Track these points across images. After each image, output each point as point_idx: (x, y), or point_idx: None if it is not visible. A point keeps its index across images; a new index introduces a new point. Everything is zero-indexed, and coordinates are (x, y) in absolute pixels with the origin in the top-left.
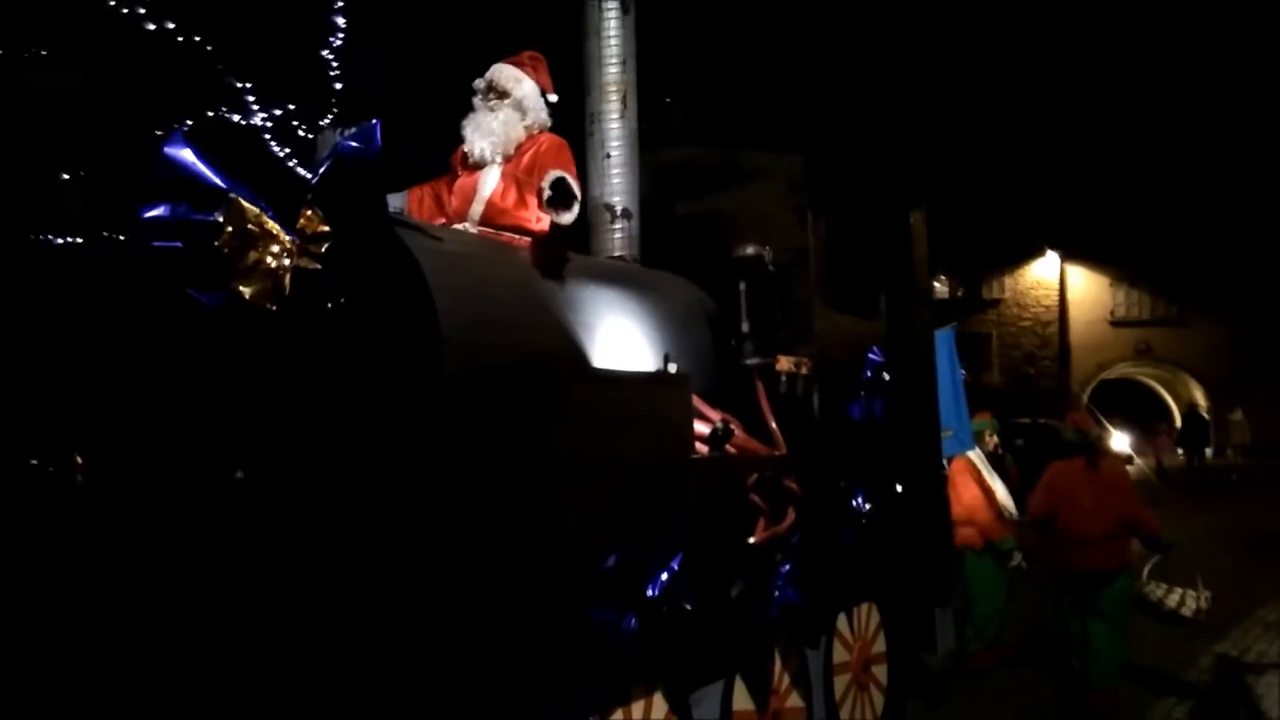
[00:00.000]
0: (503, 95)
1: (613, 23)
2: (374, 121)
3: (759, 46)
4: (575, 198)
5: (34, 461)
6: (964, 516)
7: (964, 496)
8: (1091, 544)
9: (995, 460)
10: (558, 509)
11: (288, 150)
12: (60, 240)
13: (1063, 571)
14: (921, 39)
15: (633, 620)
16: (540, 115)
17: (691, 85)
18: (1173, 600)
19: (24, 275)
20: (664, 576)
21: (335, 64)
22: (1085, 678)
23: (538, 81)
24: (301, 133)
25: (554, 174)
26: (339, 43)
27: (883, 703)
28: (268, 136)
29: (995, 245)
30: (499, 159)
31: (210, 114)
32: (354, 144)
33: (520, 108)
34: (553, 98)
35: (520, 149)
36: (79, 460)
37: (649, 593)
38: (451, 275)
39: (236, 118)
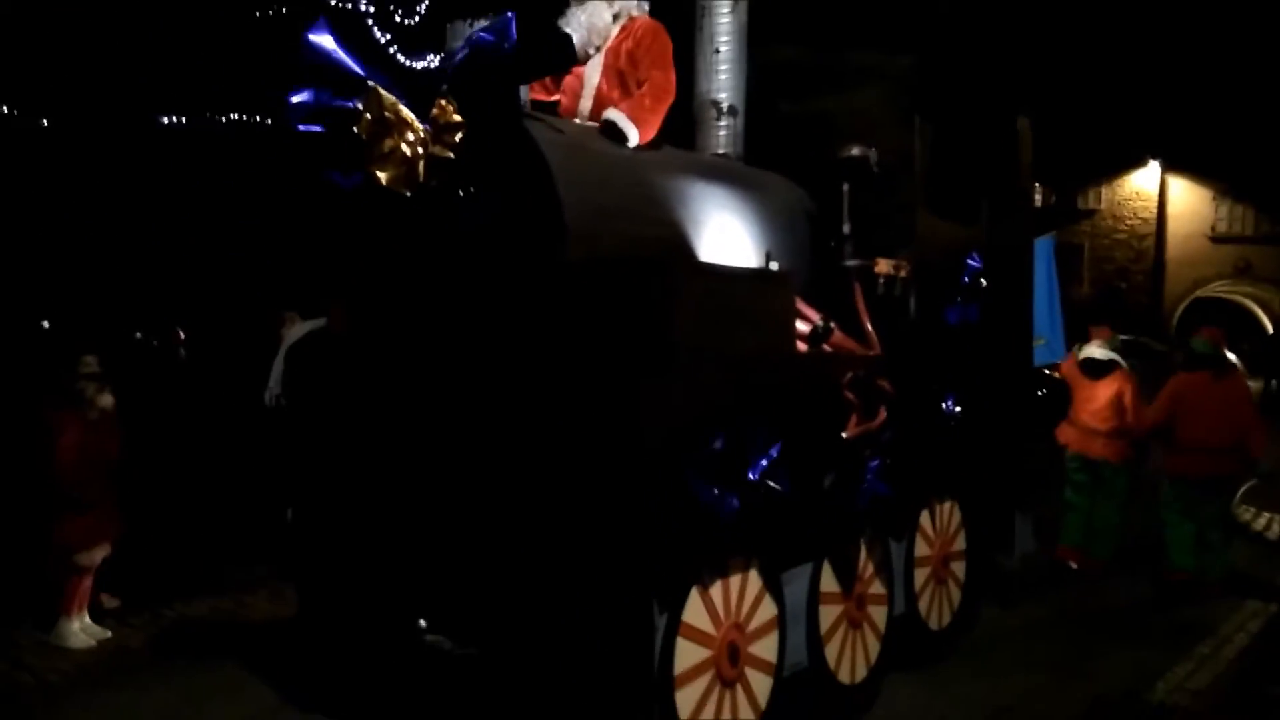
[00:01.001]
0: None
1: None
2: (509, 14)
3: None
4: (626, 137)
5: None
6: (1114, 428)
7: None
8: (1213, 452)
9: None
10: (670, 394)
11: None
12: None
13: (1180, 478)
14: None
15: (734, 500)
16: (629, 2)
17: None
18: (1260, 523)
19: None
20: (763, 462)
21: None
22: (1198, 575)
23: None
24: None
25: (608, 115)
26: None
27: (959, 598)
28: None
29: (1093, 153)
30: (594, 50)
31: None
32: (489, 36)
33: None
34: None
35: (618, 38)
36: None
37: (749, 476)
38: (573, 168)
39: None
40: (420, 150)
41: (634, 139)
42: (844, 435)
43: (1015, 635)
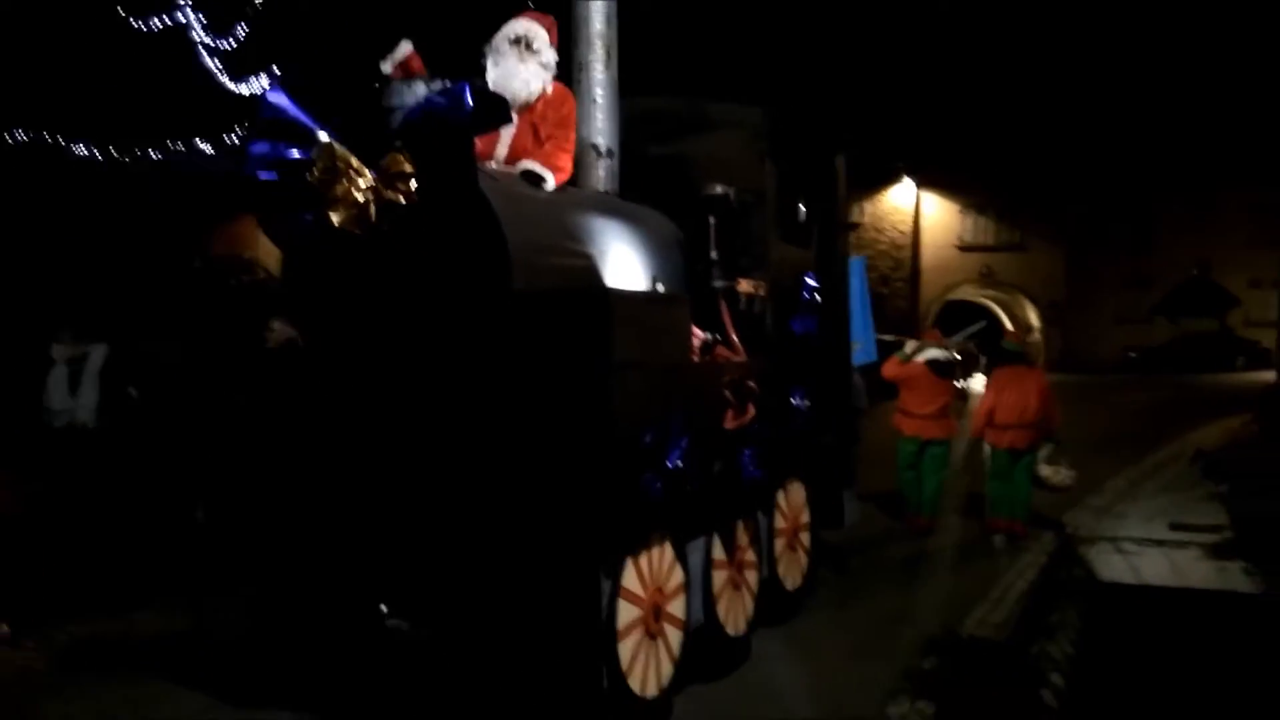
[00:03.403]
0: (534, 50)
1: None
2: (463, 83)
3: (727, 12)
4: (544, 179)
5: None
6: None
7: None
8: (1024, 427)
9: None
10: (612, 398)
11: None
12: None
13: (995, 448)
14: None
15: (657, 484)
16: (554, 70)
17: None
18: (1056, 478)
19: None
20: (676, 452)
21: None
22: (1015, 519)
23: (553, 42)
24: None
25: (526, 165)
26: None
27: (806, 563)
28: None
29: (856, 171)
30: (515, 109)
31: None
32: (443, 100)
33: (546, 66)
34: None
35: (538, 100)
36: None
37: (667, 464)
38: (512, 211)
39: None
40: (371, 195)
41: (551, 184)
42: (727, 428)
43: (856, 591)
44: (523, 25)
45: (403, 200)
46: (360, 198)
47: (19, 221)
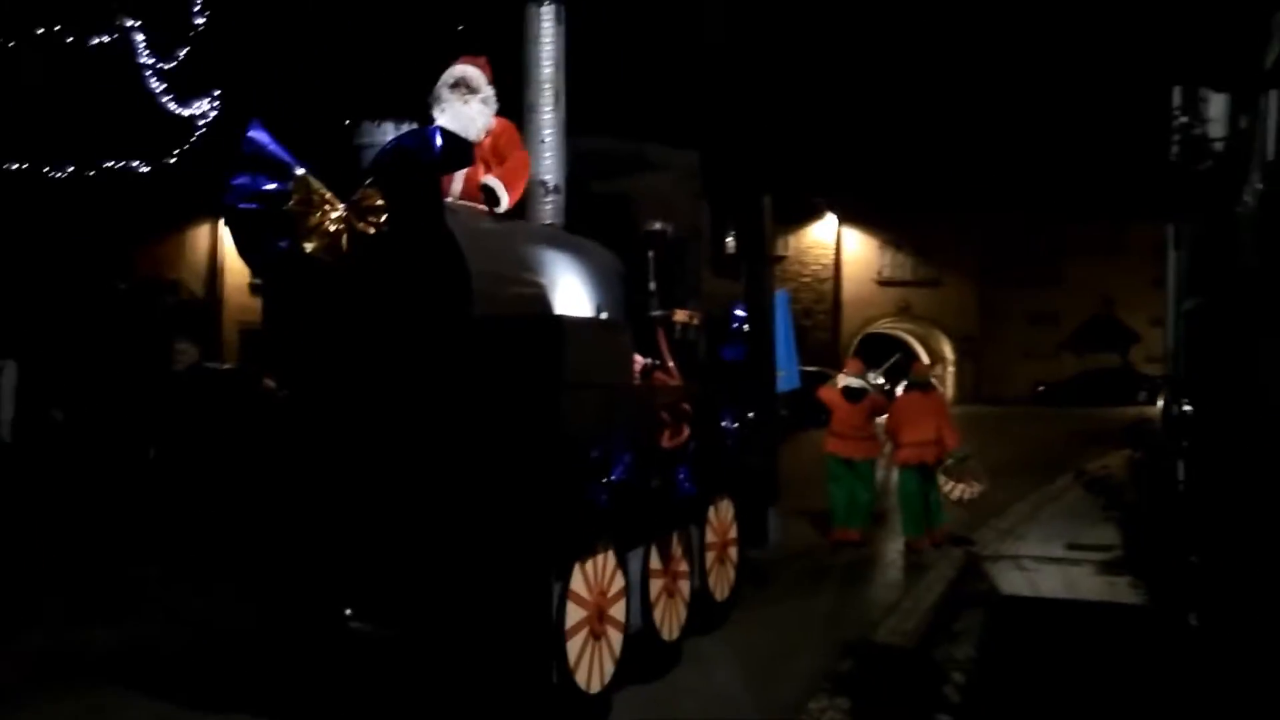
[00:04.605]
0: (474, 90)
1: (548, 31)
2: (434, 128)
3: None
4: (500, 200)
5: None
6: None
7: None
8: (923, 445)
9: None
10: (567, 415)
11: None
12: None
13: (906, 466)
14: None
15: (603, 496)
16: (495, 106)
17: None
18: (955, 493)
19: None
20: (620, 467)
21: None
22: (928, 528)
23: (489, 79)
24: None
25: (486, 180)
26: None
27: (734, 575)
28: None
29: (781, 207)
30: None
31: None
32: (412, 143)
33: (487, 102)
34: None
35: (487, 137)
36: None
37: (612, 477)
38: (471, 241)
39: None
40: (343, 226)
41: (505, 202)
42: (664, 447)
43: (780, 601)
44: (460, 69)
45: (373, 231)
46: (333, 228)
47: None
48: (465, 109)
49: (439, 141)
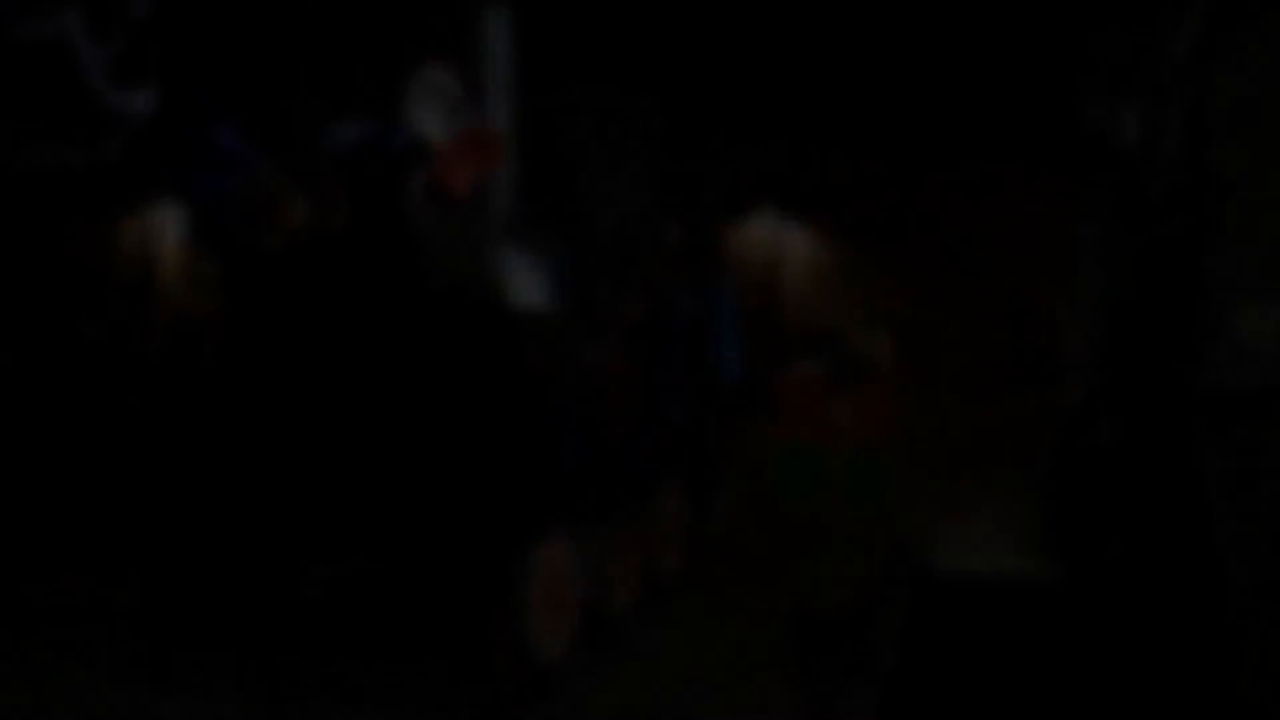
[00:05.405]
0: (440, 91)
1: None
2: (399, 127)
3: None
4: (460, 195)
5: None
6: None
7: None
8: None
9: None
10: (534, 408)
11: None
12: None
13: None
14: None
15: (561, 476)
16: (462, 107)
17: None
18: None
19: None
20: (576, 451)
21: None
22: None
23: (455, 79)
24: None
25: (447, 180)
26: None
27: (681, 555)
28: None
29: (724, 200)
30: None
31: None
32: (378, 140)
33: (455, 102)
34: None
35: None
36: None
37: (571, 463)
38: (433, 236)
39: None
40: (306, 221)
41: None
42: (616, 432)
43: (727, 578)
44: (426, 73)
45: (336, 227)
46: (296, 223)
47: None
48: (431, 113)
49: (402, 141)
